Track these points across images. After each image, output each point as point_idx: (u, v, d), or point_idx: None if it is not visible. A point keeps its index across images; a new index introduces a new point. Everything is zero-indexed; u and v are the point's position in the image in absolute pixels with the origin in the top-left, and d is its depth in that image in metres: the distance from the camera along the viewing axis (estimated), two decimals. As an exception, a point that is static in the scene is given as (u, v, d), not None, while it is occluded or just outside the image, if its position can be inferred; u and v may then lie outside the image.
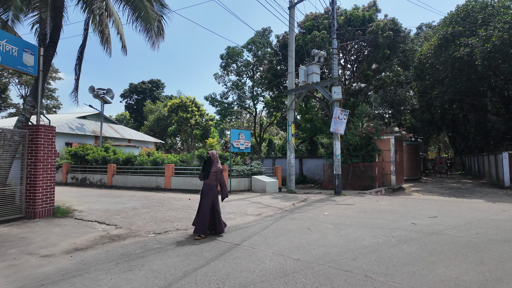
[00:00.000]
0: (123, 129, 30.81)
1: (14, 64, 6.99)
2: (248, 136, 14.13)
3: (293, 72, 14.65)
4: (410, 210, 8.95)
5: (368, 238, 5.70)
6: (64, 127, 22.97)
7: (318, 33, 17.09)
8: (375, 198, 11.76)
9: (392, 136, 16.32)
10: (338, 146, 12.91)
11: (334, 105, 12.76)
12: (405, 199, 11.69)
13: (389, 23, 17.05)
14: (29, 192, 7.48)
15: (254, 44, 24.14)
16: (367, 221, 7.23)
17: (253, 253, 4.81)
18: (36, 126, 7.57)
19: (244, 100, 25.62)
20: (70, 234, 6.06)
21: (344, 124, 12.65)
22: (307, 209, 9.15)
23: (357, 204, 10.16)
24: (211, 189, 5.98)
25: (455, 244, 5.28)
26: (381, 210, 8.90)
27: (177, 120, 35.40)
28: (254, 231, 6.26)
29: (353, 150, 16.80)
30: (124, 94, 60.03)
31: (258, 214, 8.26)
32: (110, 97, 25.11)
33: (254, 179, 13.82)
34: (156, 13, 10.42)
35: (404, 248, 5.10)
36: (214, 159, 6.15)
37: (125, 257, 4.65)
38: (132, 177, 15.58)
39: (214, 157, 6.16)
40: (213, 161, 6.11)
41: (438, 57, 18.94)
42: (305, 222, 7.19)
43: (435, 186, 19.70)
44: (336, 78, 12.55)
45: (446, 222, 7.17)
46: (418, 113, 29.90)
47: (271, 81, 20.50)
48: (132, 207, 9.27)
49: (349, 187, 16.28)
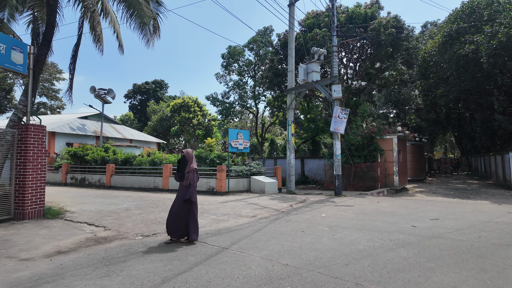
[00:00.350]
0: (124, 129, 30.78)
1: (1, 62, 6.84)
2: (247, 136, 13.89)
3: (293, 71, 14.39)
4: (411, 212, 8.64)
5: (364, 242, 5.43)
6: (65, 127, 22.96)
7: (319, 31, 16.80)
8: (376, 199, 11.44)
9: (395, 136, 15.98)
10: (338, 146, 12.62)
11: (334, 104, 12.47)
12: (407, 200, 11.36)
13: (392, 20, 16.69)
14: (18, 192, 7.32)
15: (255, 43, 23.92)
16: (364, 224, 6.95)
17: (240, 258, 4.57)
18: (25, 125, 7.42)
19: (245, 100, 25.40)
20: (56, 237, 5.88)
21: (345, 123, 12.36)
22: (304, 210, 8.89)
23: (357, 205, 9.87)
24: (196, 191, 5.63)
25: (455, 249, 4.99)
26: (381, 212, 8.60)
27: (179, 120, 35.32)
28: (246, 234, 6.02)
29: (355, 150, 16.48)
30: (128, 94, 60.18)
31: (253, 215, 8.02)
32: (111, 97, 25.05)
33: (253, 179, 13.58)
34: (151, 11, 10.25)
35: (401, 252, 4.82)
36: (188, 158, 5.61)
37: (106, 261, 4.44)
38: (130, 177, 15.44)
39: (189, 156, 5.62)
40: (187, 160, 5.58)
41: (443, 55, 18.53)
42: (300, 224, 6.93)
43: (440, 187, 19.29)
44: (336, 76, 12.26)
45: (448, 224, 6.86)
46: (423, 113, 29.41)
47: (272, 80, 20.25)
48: (125, 208, 9.09)
49: (350, 188, 15.96)
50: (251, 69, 25.08)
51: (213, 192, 12.71)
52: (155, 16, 10.83)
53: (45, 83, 46.85)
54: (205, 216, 7.96)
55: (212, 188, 12.77)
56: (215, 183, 12.67)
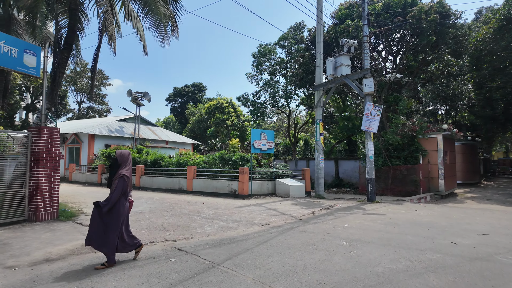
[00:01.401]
0: (161, 131, 31.62)
1: (13, 65, 6.90)
2: (271, 136, 13.17)
3: (321, 66, 13.39)
4: (454, 223, 7.34)
5: (385, 262, 4.48)
6: (104, 130, 24.02)
7: (351, 22, 15.54)
8: (415, 207, 10.09)
9: (440, 135, 14.22)
10: (371, 146, 11.41)
11: (366, 99, 11.29)
12: (451, 209, 9.86)
13: (435, 5, 14.89)
14: (32, 194, 7.37)
15: (287, 40, 23.09)
16: (392, 238, 5.91)
17: (227, 278, 3.92)
18: (38, 127, 7.46)
19: (277, 99, 24.65)
20: (54, 242, 5.69)
21: (378, 121, 11.13)
22: (326, 219, 7.98)
23: (390, 214, 8.70)
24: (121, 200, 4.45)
25: (505, 278, 3.87)
26: (416, 222, 7.41)
27: (214, 121, 35.55)
28: (248, 247, 5.35)
29: (393, 150, 14.98)
30: (169, 98, 62.41)
31: (266, 223, 7.31)
32: (147, 100, 25.75)
33: (278, 182, 12.82)
34: (167, 9, 9.99)
35: (430, 280, 3.84)
36: (121, 161, 4.53)
37: (83, 275, 4.05)
38: (157, 178, 15.51)
39: (122, 159, 4.54)
40: (120, 164, 4.52)
41: (499, 41, 16.22)
42: (315, 236, 6.09)
43: (496, 192, 16.94)
44: (368, 69, 11.08)
45: (500, 242, 5.58)
46: (478, 109, 26.30)
47: (302, 77, 19.30)
48: (139, 211, 8.88)
49: (388, 193, 14.51)
50: (283, 67, 24.26)
51: (235, 195, 12.18)
52: (172, 14, 10.57)
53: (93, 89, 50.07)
54: (214, 222, 7.42)
55: (234, 191, 12.25)
56: (237, 185, 12.13)
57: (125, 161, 4.55)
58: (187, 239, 5.91)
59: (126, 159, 4.58)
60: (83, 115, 49.11)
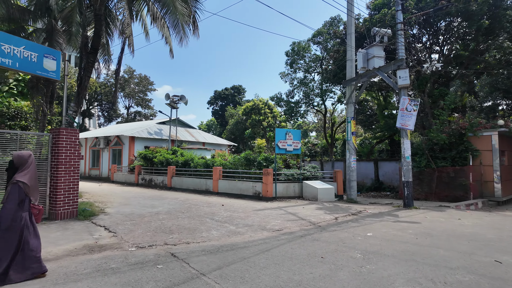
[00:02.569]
0: (198, 133, 32.25)
1: (33, 69, 7.18)
2: (298, 136, 12.48)
3: (352, 60, 12.42)
4: (504, 236, 6.13)
5: (400, 283, 3.72)
6: (143, 132, 25.05)
7: (388, 10, 14.26)
8: (459, 214, 8.78)
9: (495, 132, 12.39)
10: (407, 145, 10.23)
11: (401, 93, 10.15)
12: (505, 218, 8.41)
13: (488, -15, 13.05)
14: (52, 194, 7.63)
15: (321, 35, 22.09)
16: (418, 251, 5.03)
17: (204, 292, 3.48)
18: (57, 129, 7.71)
19: (312, 97, 23.70)
20: (58, 241, 5.72)
21: (414, 117, 9.93)
22: (348, 226, 7.18)
23: (426, 222, 7.61)
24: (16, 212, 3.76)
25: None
26: (455, 234, 6.32)
27: (250, 122, 35.47)
28: (245, 255, 4.86)
29: (439, 151, 13.44)
30: (210, 101, 63.96)
31: (278, 229, 6.75)
32: (184, 102, 26.45)
33: (305, 184, 12.09)
34: (185, 8, 9.89)
35: (451, 311, 3.03)
36: (19, 164, 3.87)
37: (61, 279, 3.89)
38: (187, 179, 15.61)
39: (19, 162, 3.88)
40: (17, 167, 3.87)
41: None
42: (327, 246, 5.40)
43: None
44: (402, 60, 9.94)
45: (561, 264, 4.44)
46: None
47: (336, 73, 18.25)
48: (156, 212, 8.81)
49: (433, 198, 13.02)
50: (318, 64, 23.28)
51: (259, 197, 11.72)
52: (193, 13, 10.45)
53: (140, 94, 53.12)
54: (224, 226, 7.03)
55: (258, 193, 11.79)
56: (261, 187, 11.66)
57: (23, 164, 3.89)
58: (187, 243, 5.59)
59: (25, 162, 3.91)
60: (131, 119, 52.17)
